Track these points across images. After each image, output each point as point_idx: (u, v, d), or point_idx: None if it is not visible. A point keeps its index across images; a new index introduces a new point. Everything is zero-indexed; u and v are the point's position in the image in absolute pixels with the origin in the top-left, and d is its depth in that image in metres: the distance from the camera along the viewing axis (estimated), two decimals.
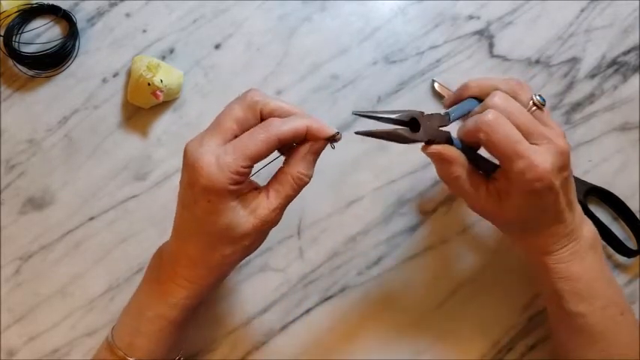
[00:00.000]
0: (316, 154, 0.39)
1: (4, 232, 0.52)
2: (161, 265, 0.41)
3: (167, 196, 0.52)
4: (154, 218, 0.52)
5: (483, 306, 0.50)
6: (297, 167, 0.39)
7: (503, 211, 0.39)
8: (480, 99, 0.40)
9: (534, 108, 0.39)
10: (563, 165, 0.38)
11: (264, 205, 0.38)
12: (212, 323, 0.50)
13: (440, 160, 0.40)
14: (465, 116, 0.41)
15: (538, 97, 0.39)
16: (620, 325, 0.41)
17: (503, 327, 0.50)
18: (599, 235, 0.43)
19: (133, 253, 0.51)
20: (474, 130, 0.37)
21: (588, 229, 0.42)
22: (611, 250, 0.51)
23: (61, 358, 0.50)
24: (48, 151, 0.53)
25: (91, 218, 0.52)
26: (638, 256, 0.50)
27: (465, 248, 0.52)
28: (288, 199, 0.39)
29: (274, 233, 0.47)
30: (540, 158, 0.36)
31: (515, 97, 0.39)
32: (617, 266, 0.51)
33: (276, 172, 0.40)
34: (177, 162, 0.52)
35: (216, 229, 0.38)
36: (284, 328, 0.50)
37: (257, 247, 0.41)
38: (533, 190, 0.37)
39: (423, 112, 0.39)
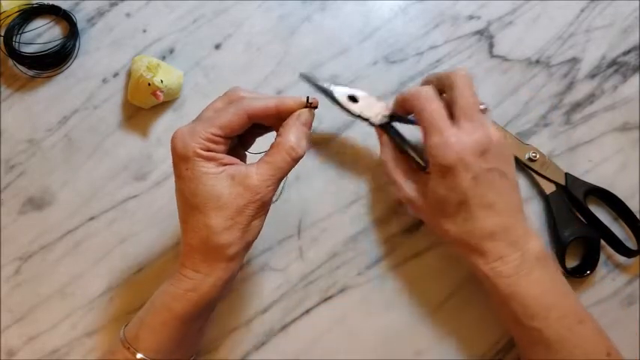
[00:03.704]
0: (305, 125, 0.40)
1: (4, 232, 0.52)
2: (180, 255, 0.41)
3: (167, 196, 0.52)
4: (154, 218, 0.52)
5: (483, 306, 0.50)
6: (288, 137, 0.39)
7: (425, 197, 0.41)
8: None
9: (483, 106, 0.42)
10: (485, 150, 0.39)
11: (253, 175, 0.38)
12: (212, 323, 0.50)
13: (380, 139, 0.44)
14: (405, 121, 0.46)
15: (484, 105, 0.43)
16: (577, 334, 0.40)
17: (503, 328, 0.50)
18: (546, 249, 0.42)
19: (133, 253, 0.51)
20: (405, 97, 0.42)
21: (535, 242, 0.41)
22: (611, 250, 0.51)
23: (61, 358, 0.50)
24: (48, 151, 0.53)
25: (91, 218, 0.52)
26: (638, 256, 0.50)
27: None
28: (280, 172, 0.39)
29: (274, 233, 0.47)
30: (457, 136, 0.39)
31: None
32: (617, 266, 0.51)
33: (269, 148, 0.40)
34: None
35: (200, 199, 0.38)
36: (284, 328, 0.50)
37: (255, 232, 0.40)
38: (445, 166, 0.39)
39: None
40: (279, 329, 0.50)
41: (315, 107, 0.41)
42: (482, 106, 0.42)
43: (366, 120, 0.46)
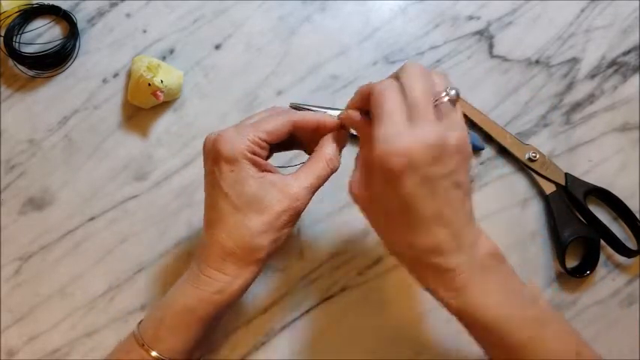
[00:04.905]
0: (339, 142, 0.42)
1: (4, 232, 0.52)
2: (199, 258, 0.41)
3: (167, 196, 0.52)
4: (154, 218, 0.52)
5: None
6: (326, 149, 0.41)
7: (368, 195, 0.37)
8: None
9: (446, 98, 0.35)
10: (439, 155, 0.33)
11: (293, 183, 0.40)
12: None
13: (351, 125, 0.41)
14: None
15: (453, 92, 0.35)
16: (541, 339, 0.36)
17: None
18: (499, 250, 0.37)
19: (133, 253, 0.51)
20: (369, 90, 0.37)
21: (486, 245, 0.37)
22: (611, 250, 0.51)
23: (61, 358, 0.50)
24: (48, 151, 0.53)
25: (91, 218, 0.52)
26: (638, 256, 0.50)
27: None
28: (319, 180, 0.41)
29: None
30: (408, 132, 0.33)
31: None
32: (617, 266, 0.51)
33: (307, 159, 0.42)
34: (178, 162, 0.53)
35: (243, 200, 0.39)
36: (284, 328, 0.50)
37: (282, 240, 0.40)
38: (389, 167, 0.33)
39: None
40: (279, 329, 0.50)
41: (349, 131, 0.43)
42: (452, 92, 0.35)
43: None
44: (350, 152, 0.48)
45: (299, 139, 0.44)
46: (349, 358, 0.49)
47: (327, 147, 0.41)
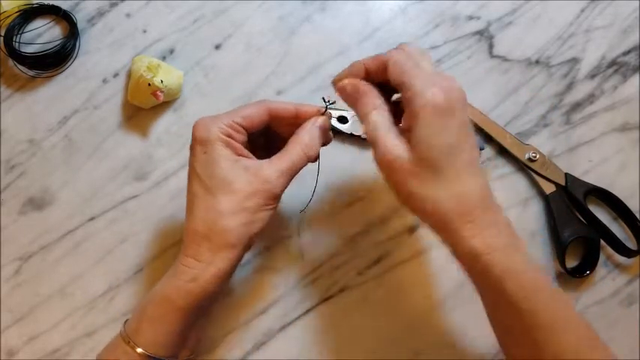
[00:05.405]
0: (320, 128, 0.42)
1: (4, 232, 0.52)
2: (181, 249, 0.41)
3: (167, 196, 0.52)
4: (153, 218, 0.52)
5: (483, 306, 0.50)
6: (304, 136, 0.41)
7: (411, 149, 0.37)
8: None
9: None
10: (464, 104, 0.37)
11: (266, 167, 0.40)
12: (212, 323, 0.50)
13: (354, 93, 0.40)
14: None
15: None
16: (566, 314, 0.36)
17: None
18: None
19: (133, 253, 0.51)
20: (384, 60, 0.39)
21: (503, 212, 0.38)
22: (611, 250, 0.51)
23: (61, 358, 0.50)
24: (48, 151, 0.53)
25: (91, 218, 0.52)
26: (638, 256, 0.50)
27: None
28: (294, 165, 0.41)
29: (274, 233, 0.47)
30: (447, 79, 0.37)
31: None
32: (617, 266, 0.51)
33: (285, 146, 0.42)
34: (178, 162, 0.53)
35: (214, 182, 0.39)
36: (284, 328, 0.50)
37: (260, 225, 0.40)
38: (441, 104, 0.35)
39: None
40: (279, 329, 0.50)
41: (330, 117, 0.44)
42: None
43: (358, 137, 0.51)
44: (341, 151, 0.48)
45: (284, 135, 0.44)
46: (349, 358, 0.49)
47: (304, 132, 0.42)
